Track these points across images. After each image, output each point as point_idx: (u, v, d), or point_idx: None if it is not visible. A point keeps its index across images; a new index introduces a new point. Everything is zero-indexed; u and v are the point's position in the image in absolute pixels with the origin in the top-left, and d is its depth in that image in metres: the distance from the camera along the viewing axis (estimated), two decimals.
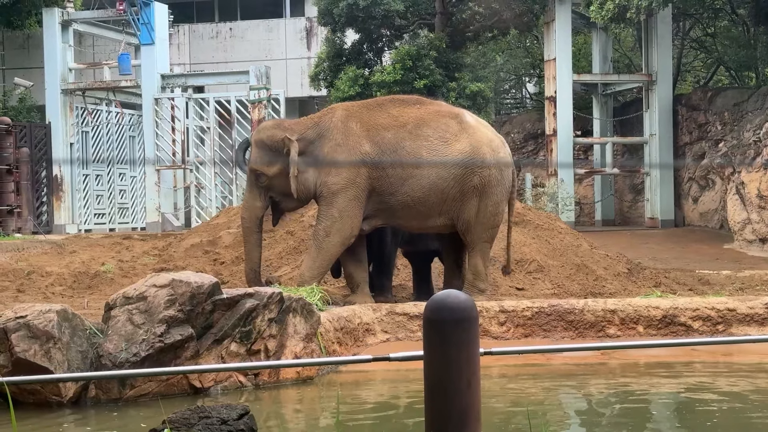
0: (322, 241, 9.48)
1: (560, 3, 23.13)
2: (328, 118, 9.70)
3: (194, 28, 32.02)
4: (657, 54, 23.47)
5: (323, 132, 9.60)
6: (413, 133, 9.49)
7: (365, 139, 9.49)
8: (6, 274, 12.32)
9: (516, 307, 9.18)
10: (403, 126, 9.52)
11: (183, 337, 6.96)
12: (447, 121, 9.60)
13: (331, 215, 9.44)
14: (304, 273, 9.48)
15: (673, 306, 9.08)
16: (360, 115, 9.68)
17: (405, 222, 9.71)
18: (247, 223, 9.83)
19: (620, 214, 25.87)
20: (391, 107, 9.73)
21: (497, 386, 7.62)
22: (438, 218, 9.57)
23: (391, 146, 9.47)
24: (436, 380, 3.22)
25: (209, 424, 4.93)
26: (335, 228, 9.42)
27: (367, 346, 8.73)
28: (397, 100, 10.06)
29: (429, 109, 9.73)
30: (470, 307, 3.24)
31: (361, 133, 9.52)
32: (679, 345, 8.56)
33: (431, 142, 9.46)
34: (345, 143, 9.50)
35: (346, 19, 23.08)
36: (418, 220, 9.60)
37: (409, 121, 9.56)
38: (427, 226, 9.72)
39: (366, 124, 9.57)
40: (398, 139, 9.47)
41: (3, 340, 6.63)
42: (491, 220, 9.64)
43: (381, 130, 9.52)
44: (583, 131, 25.20)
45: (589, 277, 11.35)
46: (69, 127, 23.43)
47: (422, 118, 9.58)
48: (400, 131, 9.50)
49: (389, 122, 9.56)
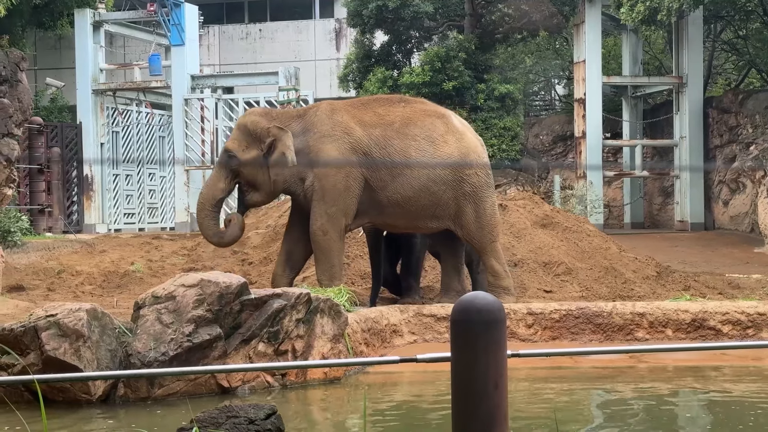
0: (321, 241, 9.48)
1: (590, 4, 23.03)
2: (313, 112, 9.71)
3: (224, 29, 32.15)
4: (688, 56, 23.31)
5: (308, 126, 9.57)
6: (401, 132, 9.52)
7: (355, 127, 9.50)
8: (37, 272, 12.43)
9: (544, 309, 9.16)
10: (390, 124, 9.55)
11: (211, 336, 6.99)
12: (433, 121, 9.64)
13: (325, 212, 9.43)
14: (322, 280, 9.50)
15: (702, 309, 9.02)
16: (346, 109, 9.73)
17: (392, 221, 9.69)
18: (203, 199, 9.76)
19: (649, 217, 25.72)
20: (376, 106, 9.77)
21: (525, 388, 7.60)
22: (430, 221, 9.58)
23: (380, 142, 9.48)
24: (464, 382, 3.21)
25: (237, 424, 4.94)
26: (330, 224, 9.43)
27: (395, 347, 8.73)
28: (381, 99, 10.13)
29: (414, 108, 9.77)
30: (498, 309, 3.23)
31: (350, 122, 9.52)
32: (709, 349, 8.50)
33: (419, 142, 9.50)
34: (332, 133, 9.48)
35: (375, 21, 23.09)
36: (406, 219, 9.60)
37: (395, 119, 9.58)
38: (418, 228, 9.74)
39: (354, 117, 9.59)
40: (386, 136, 9.49)
41: (33, 339, 6.69)
42: (491, 221, 9.71)
43: (368, 126, 9.54)
44: (612, 133, 25.06)
45: (617, 280, 11.29)
46: (100, 127, 23.57)
47: (408, 117, 9.61)
48: (388, 129, 9.52)
49: (376, 120, 9.58)
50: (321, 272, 9.57)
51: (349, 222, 9.52)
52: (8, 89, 9.76)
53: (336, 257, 9.55)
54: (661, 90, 25.90)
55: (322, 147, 9.43)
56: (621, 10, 21.28)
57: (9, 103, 9.73)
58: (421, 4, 22.59)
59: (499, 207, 12.51)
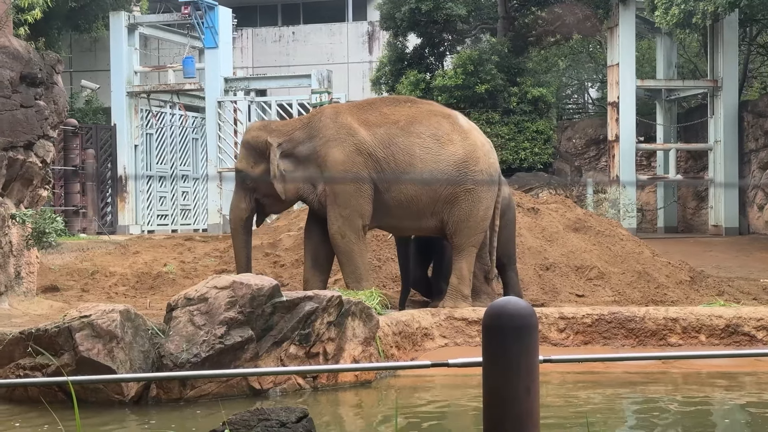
0: (341, 244, 9.52)
1: (624, 8, 22.91)
2: (318, 117, 9.76)
3: (257, 31, 32.28)
4: (723, 59, 23.13)
5: (313, 132, 9.63)
6: (405, 130, 9.53)
7: (359, 128, 9.52)
8: (71, 273, 12.54)
9: (576, 313, 9.12)
10: (395, 123, 9.57)
11: (243, 338, 7.02)
12: (439, 120, 9.64)
13: (339, 215, 9.47)
14: (349, 283, 9.54)
15: (736, 315, 8.94)
16: (350, 111, 9.77)
17: (398, 222, 9.72)
18: (233, 224, 10.01)
19: (683, 221, 25.54)
20: (382, 106, 9.79)
21: (556, 393, 7.57)
22: (430, 219, 9.59)
23: (383, 141, 9.49)
24: (495, 387, 3.21)
25: (268, 427, 4.96)
26: (347, 226, 9.46)
27: (426, 350, 8.73)
28: (388, 100, 10.16)
29: (421, 108, 9.78)
30: (530, 315, 3.22)
31: (353, 123, 9.55)
32: (743, 356, 8.43)
33: (424, 140, 9.49)
34: (336, 137, 9.52)
35: (408, 24, 23.09)
36: (411, 220, 9.61)
37: (400, 118, 9.60)
38: (420, 228, 9.74)
39: (358, 118, 9.61)
40: (390, 134, 9.50)
41: (68, 339, 6.75)
42: (480, 225, 9.64)
43: (373, 126, 9.56)
44: (646, 137, 24.92)
45: (650, 285, 11.23)
46: (134, 129, 23.75)
47: (414, 116, 9.63)
48: (392, 128, 9.54)
49: (381, 119, 9.60)
50: (346, 275, 9.63)
51: (366, 222, 9.54)
52: (44, 92, 9.85)
53: (358, 258, 9.58)
54: (696, 93, 25.71)
55: (328, 151, 9.49)
56: (655, 13, 21.14)
57: (45, 106, 9.82)
58: (454, 6, 22.56)
59: (531, 210, 12.51)
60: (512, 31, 23.86)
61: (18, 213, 9.68)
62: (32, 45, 9.98)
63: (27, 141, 9.66)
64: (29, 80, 9.69)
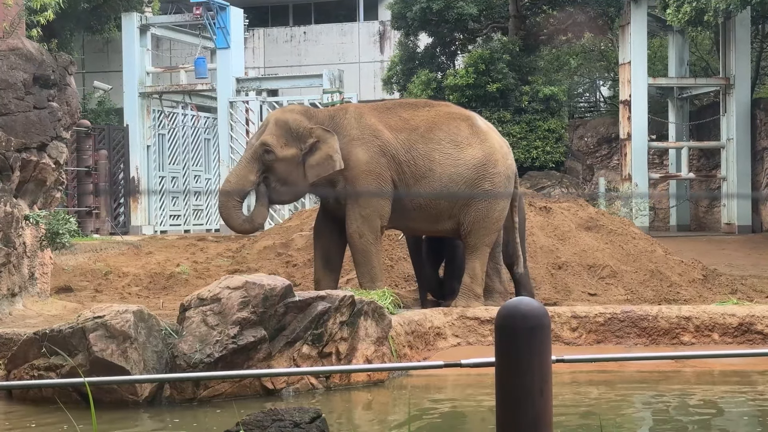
0: (358, 244, 9.52)
1: (636, 6, 22.86)
2: (341, 114, 9.73)
3: (269, 32, 32.32)
4: (735, 57, 23.04)
5: (337, 129, 9.57)
6: (425, 137, 9.56)
7: (383, 130, 9.53)
8: (84, 274, 12.58)
9: (588, 312, 9.12)
10: (415, 129, 9.59)
11: (256, 338, 7.04)
12: (458, 124, 9.67)
13: (359, 215, 9.48)
14: (363, 283, 9.54)
15: (749, 314, 8.92)
16: (373, 112, 9.78)
17: (415, 224, 9.74)
18: (230, 188, 9.54)
19: (696, 220, 25.47)
20: (401, 110, 9.79)
21: (569, 392, 7.57)
22: (447, 221, 9.62)
23: (405, 146, 9.52)
24: (508, 387, 3.21)
25: (282, 427, 4.98)
26: (366, 226, 9.47)
27: (438, 350, 8.74)
28: (406, 104, 10.14)
29: (439, 112, 9.79)
30: (542, 315, 3.23)
31: (377, 125, 9.56)
32: (757, 355, 8.41)
33: (443, 146, 9.54)
34: (361, 136, 9.52)
35: (419, 23, 23.09)
36: (429, 222, 9.65)
37: (420, 124, 9.62)
38: (437, 230, 9.75)
39: (381, 121, 9.63)
40: (411, 140, 9.53)
41: (81, 340, 6.78)
42: (495, 225, 9.68)
43: (395, 130, 9.58)
44: (658, 135, 24.86)
45: (663, 284, 11.21)
46: (146, 129, 23.79)
47: (433, 121, 9.65)
48: (413, 134, 9.57)
49: (401, 125, 9.62)
50: (361, 275, 9.64)
51: (385, 223, 9.56)
52: (57, 93, 9.88)
53: (375, 259, 9.59)
54: (708, 91, 25.64)
55: (352, 150, 9.47)
56: (667, 11, 21.10)
57: (58, 107, 9.86)
58: (465, 6, 22.55)
59: (543, 209, 12.50)
60: (523, 30, 23.83)
61: (32, 214, 9.72)
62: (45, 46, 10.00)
63: (40, 142, 9.70)
64: (42, 82, 9.72)
